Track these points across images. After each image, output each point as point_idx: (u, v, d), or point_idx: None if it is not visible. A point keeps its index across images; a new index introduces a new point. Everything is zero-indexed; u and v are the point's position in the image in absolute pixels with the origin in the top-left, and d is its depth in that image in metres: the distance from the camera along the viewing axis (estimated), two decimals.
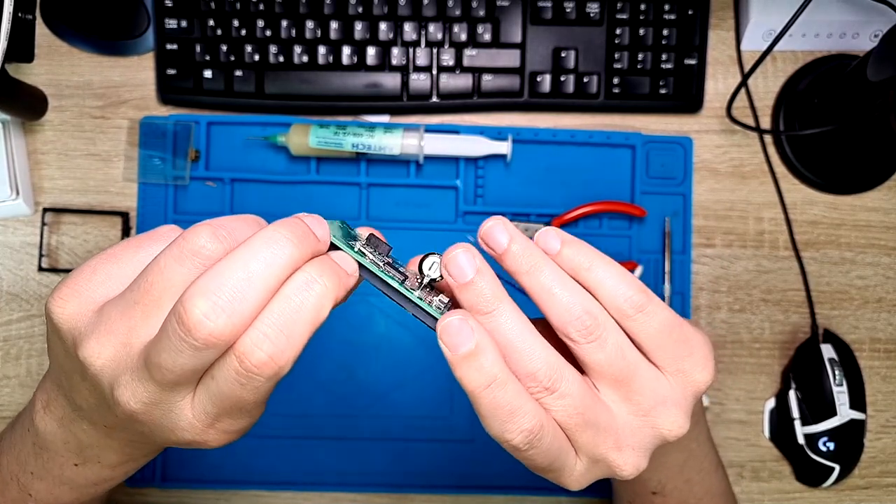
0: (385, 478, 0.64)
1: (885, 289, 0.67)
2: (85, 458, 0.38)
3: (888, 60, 0.52)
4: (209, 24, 0.63)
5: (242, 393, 0.28)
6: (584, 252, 0.32)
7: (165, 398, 0.29)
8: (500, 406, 0.30)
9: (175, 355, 0.27)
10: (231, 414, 0.30)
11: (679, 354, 0.32)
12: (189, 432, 0.31)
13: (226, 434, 0.32)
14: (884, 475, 0.66)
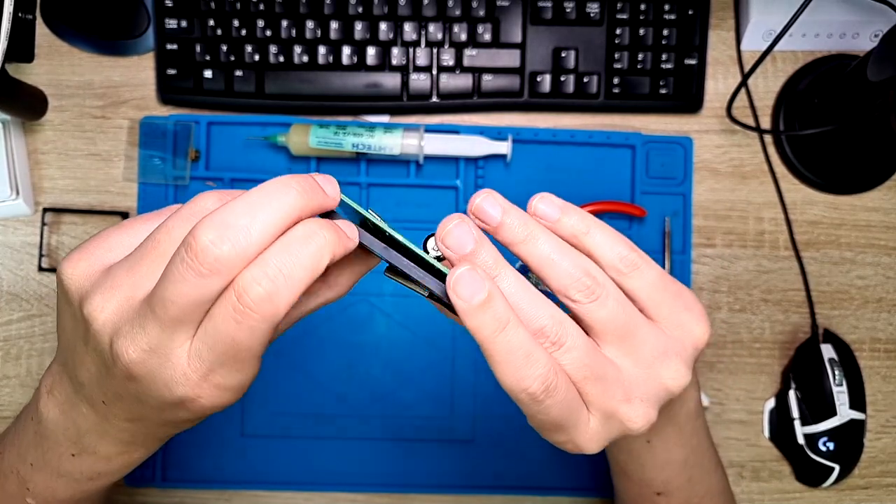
0: (385, 478, 0.64)
1: (885, 289, 0.67)
2: (82, 447, 0.38)
3: (888, 60, 0.52)
4: (209, 24, 0.63)
5: (238, 333, 0.29)
6: (582, 217, 0.34)
7: (163, 342, 0.30)
8: (516, 349, 0.30)
9: (179, 284, 0.28)
10: (225, 364, 0.30)
11: (675, 308, 0.34)
12: (183, 385, 0.31)
13: (218, 390, 0.31)
14: (884, 475, 0.66)
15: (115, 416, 0.35)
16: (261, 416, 0.64)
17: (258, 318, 0.28)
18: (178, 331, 0.30)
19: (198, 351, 0.30)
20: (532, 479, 0.64)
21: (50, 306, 0.64)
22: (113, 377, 0.32)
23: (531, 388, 0.30)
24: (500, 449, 0.64)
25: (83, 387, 0.35)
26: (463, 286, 0.30)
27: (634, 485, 0.47)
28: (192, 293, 0.28)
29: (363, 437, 0.64)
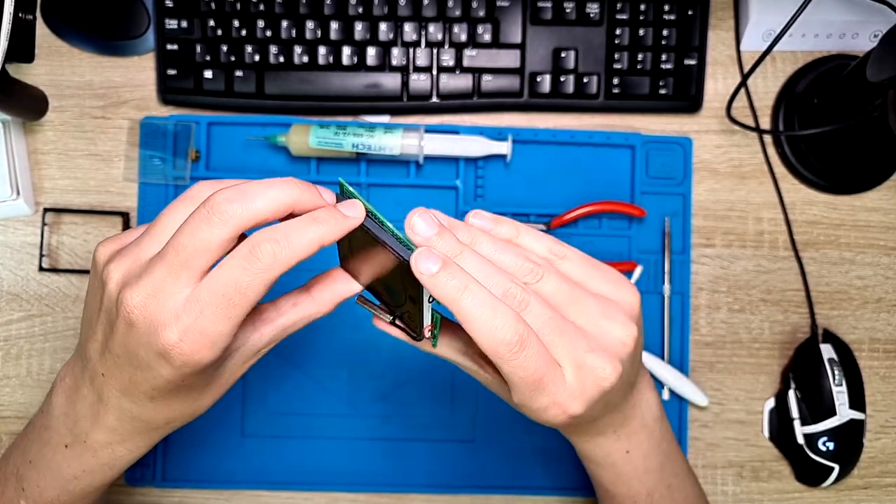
0: (385, 477, 0.64)
1: (884, 289, 0.67)
2: (75, 435, 0.42)
3: (887, 61, 0.52)
4: (209, 25, 0.63)
5: (242, 276, 0.34)
6: (511, 225, 0.39)
7: (166, 285, 0.35)
8: (481, 305, 0.34)
9: (192, 230, 0.34)
10: (218, 307, 0.34)
11: (604, 280, 0.39)
12: (172, 327, 0.34)
13: (201, 337, 0.35)
14: (883, 475, 0.66)
15: (110, 390, 0.39)
16: (261, 415, 0.64)
17: (262, 266, 0.34)
18: (182, 275, 0.34)
19: (196, 294, 0.34)
20: (532, 479, 0.64)
21: (50, 306, 0.64)
22: (115, 333, 0.36)
23: (506, 337, 0.34)
24: (501, 449, 0.64)
25: (89, 361, 0.39)
26: (422, 261, 0.34)
27: (618, 499, 0.48)
28: (202, 237, 0.34)
29: (363, 437, 0.64)
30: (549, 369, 0.36)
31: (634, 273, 0.65)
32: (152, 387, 0.38)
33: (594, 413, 0.39)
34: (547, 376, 0.36)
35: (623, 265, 0.64)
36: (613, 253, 0.65)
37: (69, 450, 0.42)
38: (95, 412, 0.40)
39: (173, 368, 0.36)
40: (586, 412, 0.37)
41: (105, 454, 0.42)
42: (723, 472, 0.65)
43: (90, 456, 0.42)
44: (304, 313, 0.41)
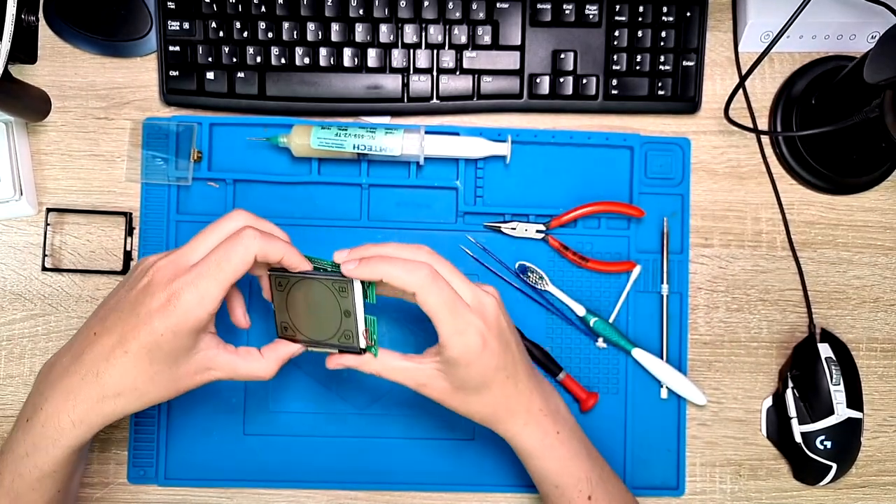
0: (385, 475, 0.64)
1: (881, 288, 0.67)
2: (34, 405, 0.47)
3: (885, 62, 0.52)
4: (211, 26, 0.63)
5: (231, 248, 0.45)
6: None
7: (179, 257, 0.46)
8: (396, 261, 0.47)
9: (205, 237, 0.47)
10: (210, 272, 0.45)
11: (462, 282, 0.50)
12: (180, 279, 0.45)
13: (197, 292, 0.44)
14: (880, 473, 0.67)
15: (92, 349, 0.46)
16: (262, 414, 0.64)
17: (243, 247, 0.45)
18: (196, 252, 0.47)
19: (198, 264, 0.45)
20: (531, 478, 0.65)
21: (53, 306, 0.64)
22: (132, 292, 0.46)
23: (424, 271, 0.46)
24: (501, 447, 0.64)
25: (85, 329, 0.48)
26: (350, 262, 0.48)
27: (569, 495, 0.54)
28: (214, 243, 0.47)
29: (364, 435, 0.64)
30: (456, 294, 0.48)
31: (633, 273, 0.65)
32: (137, 339, 0.45)
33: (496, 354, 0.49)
34: (458, 301, 0.48)
35: (622, 265, 0.65)
36: (612, 253, 0.66)
37: (28, 424, 0.47)
38: (65, 374, 0.47)
39: (166, 317, 0.44)
40: (492, 343, 0.49)
41: (52, 423, 0.46)
42: (721, 470, 0.66)
43: (40, 426, 0.47)
44: (250, 368, 0.50)
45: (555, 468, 0.54)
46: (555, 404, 0.55)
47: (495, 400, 0.52)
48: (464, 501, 0.65)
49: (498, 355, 0.50)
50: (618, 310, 0.65)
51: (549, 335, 0.65)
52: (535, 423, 0.53)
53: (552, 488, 0.55)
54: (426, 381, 0.51)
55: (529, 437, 0.54)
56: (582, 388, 0.64)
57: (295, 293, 0.50)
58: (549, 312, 0.65)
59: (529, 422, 0.53)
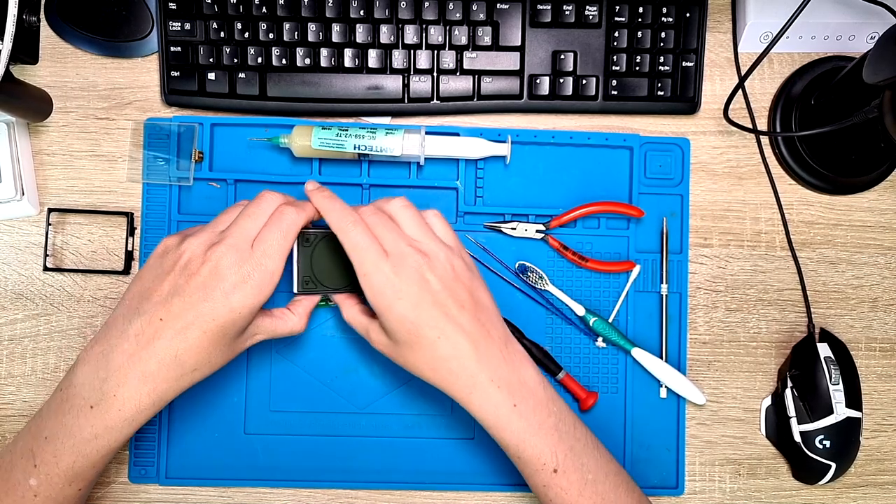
0: (386, 475, 0.64)
1: (880, 288, 0.68)
2: (103, 392, 0.49)
3: (884, 62, 0.52)
4: (212, 27, 0.63)
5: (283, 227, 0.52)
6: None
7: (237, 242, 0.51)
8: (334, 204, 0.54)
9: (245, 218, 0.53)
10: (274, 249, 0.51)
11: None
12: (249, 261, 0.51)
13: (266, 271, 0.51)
14: (879, 473, 0.67)
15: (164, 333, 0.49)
16: (263, 413, 0.64)
17: (288, 220, 0.53)
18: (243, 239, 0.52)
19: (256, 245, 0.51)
20: None
21: (55, 305, 0.64)
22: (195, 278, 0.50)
23: (350, 218, 0.52)
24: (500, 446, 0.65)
25: (144, 314, 0.50)
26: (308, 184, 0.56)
27: (531, 467, 0.53)
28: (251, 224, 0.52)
29: (364, 435, 0.64)
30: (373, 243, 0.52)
31: (633, 273, 0.65)
32: (214, 319, 0.49)
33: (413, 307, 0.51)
34: (371, 248, 0.51)
35: (621, 265, 0.65)
36: (612, 253, 0.66)
37: (94, 410, 0.49)
38: (134, 361, 0.49)
39: (245, 296, 0.50)
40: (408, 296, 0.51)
41: (130, 406, 0.49)
42: (720, 469, 0.66)
43: (116, 410, 0.49)
44: (289, 325, 0.56)
45: (512, 440, 0.53)
46: (518, 376, 0.53)
47: (431, 360, 0.52)
48: (464, 501, 0.65)
49: (417, 310, 0.51)
50: (617, 309, 0.66)
51: (549, 335, 0.66)
52: (482, 394, 0.52)
53: (515, 459, 0.54)
54: (374, 336, 0.55)
55: (479, 406, 0.53)
56: (581, 387, 0.64)
57: (318, 249, 0.57)
58: (549, 312, 0.66)
59: (476, 390, 0.52)
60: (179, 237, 0.53)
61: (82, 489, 0.52)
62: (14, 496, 0.50)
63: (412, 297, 0.51)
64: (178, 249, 0.52)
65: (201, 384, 0.63)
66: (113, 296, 0.65)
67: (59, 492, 0.50)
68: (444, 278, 0.52)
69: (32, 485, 0.50)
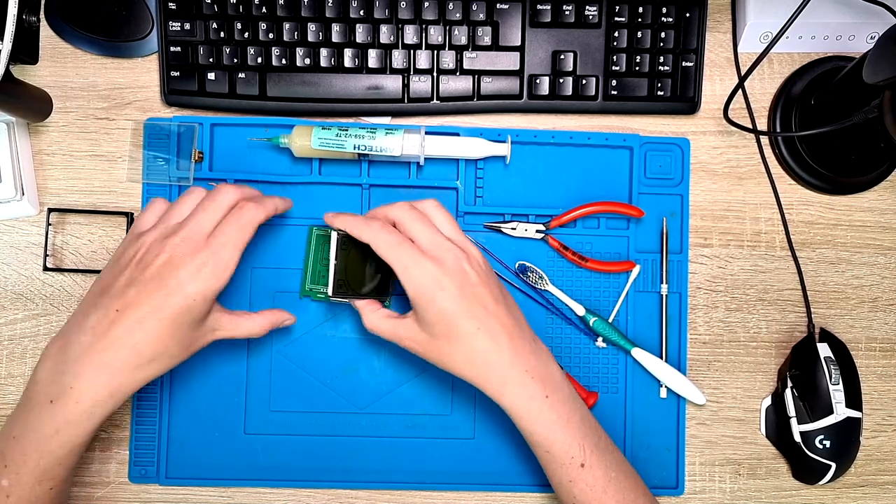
0: (386, 475, 0.64)
1: (880, 288, 0.68)
2: (61, 385, 0.50)
3: (884, 62, 0.52)
4: (212, 27, 0.63)
5: (241, 222, 0.53)
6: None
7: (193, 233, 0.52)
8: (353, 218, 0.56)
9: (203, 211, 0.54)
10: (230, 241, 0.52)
11: None
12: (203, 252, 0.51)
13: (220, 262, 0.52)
14: (879, 473, 0.67)
15: (122, 322, 0.50)
16: (262, 414, 0.64)
17: (248, 218, 0.54)
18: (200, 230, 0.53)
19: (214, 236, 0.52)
20: (532, 476, 0.65)
21: (55, 305, 0.64)
22: (150, 268, 0.51)
23: (374, 224, 0.54)
24: (501, 446, 0.65)
25: (101, 307, 0.51)
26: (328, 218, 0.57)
27: (559, 461, 0.54)
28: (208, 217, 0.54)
29: (364, 435, 0.64)
30: (407, 240, 0.53)
31: (633, 273, 0.65)
32: (169, 307, 0.50)
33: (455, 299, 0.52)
34: (407, 244, 0.53)
35: (621, 265, 0.65)
36: (612, 253, 0.66)
37: (54, 404, 0.50)
38: (90, 352, 0.50)
39: (197, 285, 0.50)
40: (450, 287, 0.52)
41: (87, 398, 0.49)
42: (720, 469, 0.66)
43: (73, 403, 0.49)
44: (248, 326, 0.57)
45: (543, 433, 0.54)
46: (548, 370, 0.55)
47: (470, 352, 0.53)
48: (464, 501, 0.65)
49: (459, 301, 0.52)
50: (617, 309, 0.66)
51: (548, 335, 0.66)
52: (518, 384, 0.54)
53: (543, 453, 0.55)
54: (405, 334, 0.55)
55: (514, 397, 0.54)
56: (582, 387, 0.64)
57: (351, 255, 0.58)
58: (549, 312, 0.66)
59: (511, 382, 0.54)
60: (133, 234, 0.55)
61: (53, 488, 0.51)
62: None
63: (453, 289, 0.52)
64: (134, 245, 0.53)
65: (201, 384, 0.64)
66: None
67: (29, 491, 0.50)
68: (479, 273, 0.54)
69: (4, 485, 0.50)
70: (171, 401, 0.64)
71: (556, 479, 0.55)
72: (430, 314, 0.53)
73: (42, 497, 0.51)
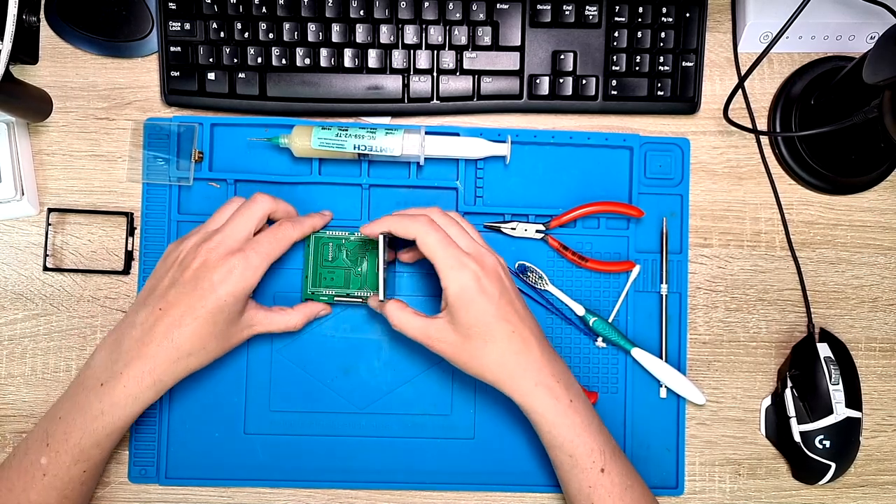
0: (386, 475, 0.64)
1: (880, 288, 0.68)
2: (112, 371, 0.54)
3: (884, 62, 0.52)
4: (212, 27, 0.63)
5: (273, 237, 0.58)
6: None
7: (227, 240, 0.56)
8: (397, 216, 0.56)
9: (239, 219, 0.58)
10: (260, 250, 0.56)
11: None
12: (236, 256, 0.55)
13: (249, 265, 0.55)
14: (879, 473, 0.67)
15: (163, 320, 0.54)
16: (262, 414, 0.64)
17: (284, 235, 0.58)
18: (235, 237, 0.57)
19: (248, 245, 0.56)
20: (532, 476, 0.65)
21: (54, 305, 0.64)
22: (187, 270, 0.55)
23: (421, 220, 0.55)
24: (501, 446, 0.65)
25: (147, 307, 0.55)
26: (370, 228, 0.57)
27: (581, 466, 0.55)
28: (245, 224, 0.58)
29: (364, 435, 0.64)
30: (452, 241, 0.55)
31: (632, 273, 0.65)
32: (203, 307, 0.54)
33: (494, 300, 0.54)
34: (453, 244, 0.54)
35: (621, 265, 0.65)
36: (612, 253, 0.66)
37: (104, 387, 0.54)
38: (140, 344, 0.54)
39: (228, 286, 0.54)
40: (490, 289, 0.54)
41: (133, 383, 0.53)
42: (720, 469, 0.66)
43: (121, 387, 0.53)
44: (283, 321, 0.60)
45: (568, 436, 0.55)
46: (568, 376, 0.57)
47: (502, 354, 0.55)
48: (464, 501, 0.65)
49: (497, 303, 0.54)
50: (617, 309, 0.66)
51: (548, 335, 0.65)
52: (546, 387, 0.55)
53: (566, 458, 0.56)
54: (436, 335, 0.55)
55: (541, 400, 0.55)
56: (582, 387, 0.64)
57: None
58: (549, 312, 0.66)
59: (540, 384, 0.55)
60: (180, 239, 0.59)
61: (87, 471, 0.55)
62: (26, 477, 0.54)
63: (494, 292, 0.54)
64: (177, 249, 0.58)
65: (201, 384, 0.64)
66: (113, 296, 0.65)
67: (65, 471, 0.54)
68: (510, 279, 0.57)
69: (42, 463, 0.54)
70: (171, 401, 0.64)
71: (576, 485, 0.56)
72: (469, 315, 0.54)
73: (75, 479, 0.54)
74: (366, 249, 0.62)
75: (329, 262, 0.62)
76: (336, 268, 0.62)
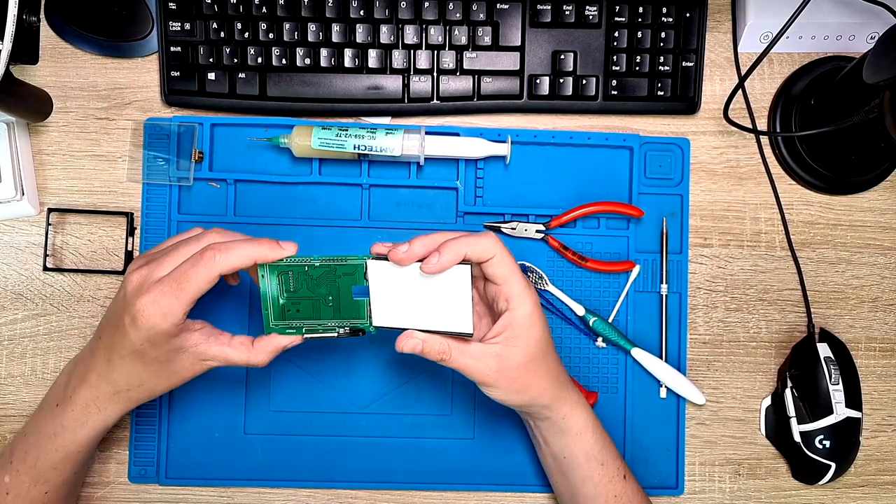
0: (387, 475, 0.64)
1: (880, 288, 0.68)
2: (65, 394, 0.53)
3: (884, 62, 0.52)
4: (212, 27, 0.63)
5: (190, 270, 0.48)
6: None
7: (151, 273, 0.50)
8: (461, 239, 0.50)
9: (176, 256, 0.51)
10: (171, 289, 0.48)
11: None
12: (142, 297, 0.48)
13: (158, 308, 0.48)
14: (879, 473, 0.67)
15: (101, 350, 0.52)
16: (262, 414, 0.64)
17: (206, 265, 0.48)
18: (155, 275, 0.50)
19: (161, 280, 0.49)
20: (532, 476, 0.65)
21: (54, 305, 0.64)
22: (114, 303, 0.52)
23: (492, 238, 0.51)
24: (501, 446, 0.65)
25: (100, 340, 0.52)
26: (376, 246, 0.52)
27: (609, 475, 0.57)
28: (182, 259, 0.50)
29: (364, 435, 0.64)
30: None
31: (632, 273, 0.65)
32: (123, 347, 0.50)
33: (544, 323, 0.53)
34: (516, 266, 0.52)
35: (621, 265, 0.65)
36: (612, 253, 0.66)
37: (58, 408, 0.53)
38: (86, 371, 0.53)
39: (138, 331, 0.49)
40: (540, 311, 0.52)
41: (79, 409, 0.53)
42: (720, 469, 0.66)
43: (70, 410, 0.53)
44: (243, 356, 0.52)
45: (597, 445, 0.57)
46: (584, 400, 0.59)
47: (552, 375, 0.55)
48: (464, 501, 0.65)
49: (545, 325, 0.54)
50: (617, 309, 0.66)
51: None
52: (583, 403, 0.57)
53: (597, 466, 0.57)
54: (495, 364, 0.52)
55: (583, 413, 0.57)
56: (581, 387, 0.64)
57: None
58: (549, 312, 0.66)
59: (580, 400, 0.57)
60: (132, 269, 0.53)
61: (49, 493, 0.54)
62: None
63: (544, 317, 0.54)
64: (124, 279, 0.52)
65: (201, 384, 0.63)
66: (112, 296, 0.65)
67: (26, 491, 0.54)
68: None
69: (6, 481, 0.54)
70: (170, 401, 0.64)
71: (602, 497, 0.57)
72: (530, 338, 0.52)
73: (37, 500, 0.54)
74: (336, 276, 0.52)
75: (292, 293, 0.52)
76: (302, 298, 0.52)
